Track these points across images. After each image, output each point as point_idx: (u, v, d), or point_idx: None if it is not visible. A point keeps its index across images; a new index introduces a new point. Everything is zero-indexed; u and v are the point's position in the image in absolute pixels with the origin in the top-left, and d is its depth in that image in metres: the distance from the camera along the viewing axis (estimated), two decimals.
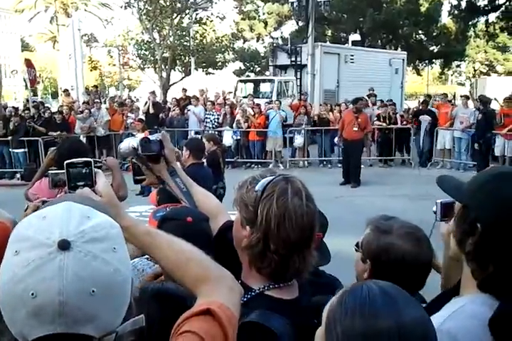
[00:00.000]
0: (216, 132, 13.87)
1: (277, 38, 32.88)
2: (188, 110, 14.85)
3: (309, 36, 19.84)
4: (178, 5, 22.65)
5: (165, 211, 2.47)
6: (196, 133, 14.09)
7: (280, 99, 16.16)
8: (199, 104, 15.04)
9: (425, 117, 13.44)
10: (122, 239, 0.99)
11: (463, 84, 52.38)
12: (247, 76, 29.84)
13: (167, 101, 18.48)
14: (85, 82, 20.65)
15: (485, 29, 26.46)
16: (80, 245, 0.88)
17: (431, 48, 34.72)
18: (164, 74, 23.25)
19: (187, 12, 23.73)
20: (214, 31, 27.00)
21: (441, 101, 14.29)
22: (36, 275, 0.85)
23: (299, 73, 20.34)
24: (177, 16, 23.24)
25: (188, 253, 1.31)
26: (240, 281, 1.46)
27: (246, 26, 32.91)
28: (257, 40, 34.72)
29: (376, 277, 1.58)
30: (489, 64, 48.30)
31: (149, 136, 2.09)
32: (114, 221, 1.02)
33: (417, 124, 13.64)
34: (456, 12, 26.65)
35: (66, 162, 1.47)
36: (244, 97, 17.17)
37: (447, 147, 13.50)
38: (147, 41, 24.22)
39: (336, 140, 13.25)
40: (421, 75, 41.84)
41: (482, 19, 25.82)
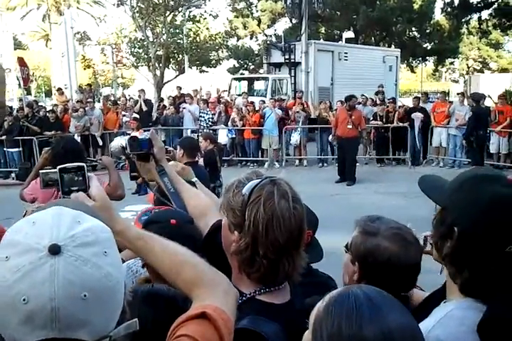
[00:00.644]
0: (211, 130, 13.86)
1: (271, 36, 32.82)
2: (184, 108, 14.80)
3: (303, 34, 19.84)
4: (171, 3, 22.54)
5: (150, 214, 2.46)
6: (193, 131, 14.06)
7: (275, 97, 16.14)
8: (194, 102, 15.01)
9: (417, 114, 13.44)
10: (113, 243, 0.98)
11: (457, 81, 52.50)
12: (241, 74, 29.77)
13: (163, 99, 18.40)
14: (79, 81, 20.55)
15: (478, 26, 26.52)
16: (71, 249, 0.88)
17: (424, 45, 34.76)
18: (158, 72, 23.15)
19: (180, 10, 23.62)
20: (207, 29, 26.90)
21: (440, 99, 14.19)
22: (27, 280, 0.85)
23: (293, 71, 20.33)
24: (170, 14, 23.12)
25: (182, 256, 1.30)
26: None
27: (239, 24, 32.83)
28: (251, 38, 34.63)
29: (365, 278, 1.60)
30: (482, 61, 48.41)
31: (138, 135, 2.10)
32: (107, 224, 1.03)
33: (410, 122, 13.66)
34: (449, 9, 26.66)
35: (59, 167, 1.46)
36: (238, 95, 17.16)
37: (443, 145, 13.50)
38: (140, 39, 24.09)
39: (330, 138, 13.27)
40: (415, 72, 41.90)
41: (475, 16, 25.83)
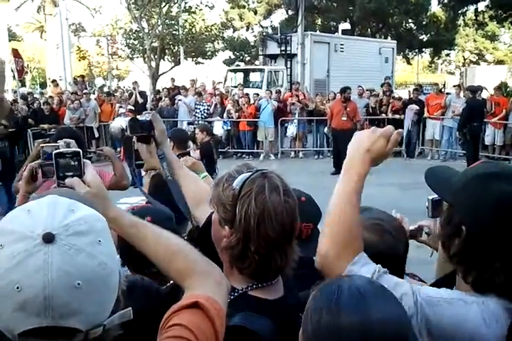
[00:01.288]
0: (206, 122, 13.83)
1: (267, 27, 32.66)
2: (179, 100, 14.75)
3: (299, 25, 19.78)
4: None
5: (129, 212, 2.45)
6: (189, 123, 14.02)
7: (270, 89, 16.11)
8: (189, 94, 14.95)
9: (412, 106, 13.42)
10: (108, 232, 0.98)
11: (453, 73, 52.44)
12: (237, 65, 29.67)
13: (159, 90, 18.33)
14: (73, 72, 20.45)
15: (474, 18, 26.46)
16: (65, 238, 0.88)
17: (421, 37, 34.69)
18: (153, 63, 23.02)
19: (175, 1, 23.50)
20: (203, 20, 26.76)
21: (432, 91, 14.20)
22: (21, 268, 0.85)
23: (289, 62, 20.27)
24: (165, 5, 22.99)
25: (175, 246, 1.30)
26: None
27: (235, 15, 32.67)
28: (247, 29, 34.48)
29: None
30: (479, 53, 48.34)
31: (139, 116, 2.05)
32: (100, 211, 1.03)
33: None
34: (445, 1, 26.62)
35: (55, 152, 1.46)
36: (234, 87, 17.10)
37: (436, 137, 13.46)
38: (136, 30, 23.95)
39: (326, 130, 13.27)
40: (411, 64, 41.82)
41: (471, 8, 25.76)
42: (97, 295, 0.90)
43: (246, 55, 33.21)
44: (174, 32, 24.14)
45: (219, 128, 14.21)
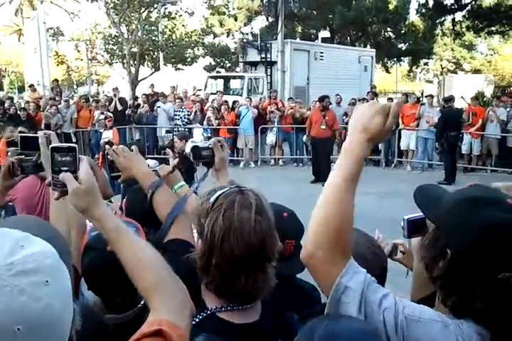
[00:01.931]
0: (186, 129, 13.74)
1: (247, 34, 32.71)
2: (158, 107, 14.64)
3: (279, 32, 19.85)
4: None
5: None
6: (167, 131, 13.90)
7: (251, 96, 16.09)
8: (168, 101, 14.85)
9: None
10: (58, 270, 0.92)
11: (431, 81, 53.09)
12: (218, 72, 29.64)
13: (137, 97, 18.19)
14: (52, 77, 20.17)
15: (452, 28, 26.84)
16: (7, 279, 0.82)
17: (399, 46, 35.12)
18: (133, 69, 22.90)
19: (155, 6, 23.42)
20: (184, 26, 26.72)
21: (410, 102, 14.13)
22: None
23: (269, 70, 20.32)
24: (145, 10, 22.92)
25: (147, 260, 1.27)
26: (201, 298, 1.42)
27: (216, 21, 32.68)
28: (227, 36, 34.51)
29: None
30: (456, 62, 49.07)
31: (200, 144, 2.15)
32: (87, 209, 1.14)
33: None
34: (423, 10, 26.96)
35: (51, 146, 1.44)
36: (212, 94, 17.01)
37: (411, 147, 13.51)
38: (115, 36, 23.80)
39: (304, 138, 13.31)
40: (390, 72, 42.28)
41: (449, 18, 26.14)
42: (42, 339, 0.83)
43: (226, 62, 33.21)
44: (154, 38, 24.07)
45: (199, 135, 14.13)
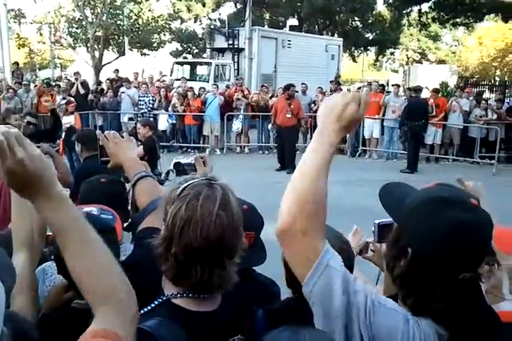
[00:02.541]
0: (151, 115, 13.53)
1: (215, 20, 32.37)
2: (122, 92, 14.36)
3: (247, 19, 19.69)
4: None
5: None
6: (130, 119, 13.63)
7: (217, 83, 15.95)
8: (132, 87, 14.58)
9: None
10: None
11: (396, 71, 53.75)
12: (185, 58, 29.29)
13: (100, 82, 17.80)
14: (12, 60, 19.57)
15: (418, 18, 27.07)
16: None
17: (366, 35, 35.36)
18: (97, 53, 22.40)
19: None
20: (150, 11, 26.25)
21: (373, 90, 14.20)
22: None
23: (237, 57, 20.17)
24: None
25: (99, 264, 1.13)
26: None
27: (183, 7, 32.21)
28: (195, 21, 34.07)
29: (289, 282, 1.62)
30: (422, 52, 49.77)
31: (182, 160, 2.20)
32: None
33: None
34: (390, 1, 27.11)
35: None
36: (177, 80, 16.76)
37: (374, 136, 13.62)
38: (78, 19, 23.22)
39: (270, 126, 13.30)
40: (356, 62, 42.58)
41: (415, 8, 26.34)
42: None
43: (194, 48, 32.84)
44: (119, 22, 23.55)
45: (164, 121, 13.95)
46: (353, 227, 2.26)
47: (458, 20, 24.68)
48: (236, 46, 20.10)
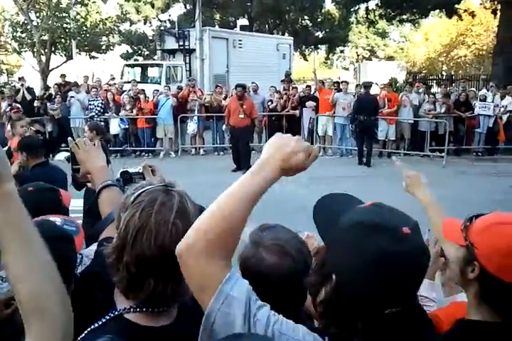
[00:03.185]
0: (102, 120, 13.25)
1: (165, 21, 32.05)
2: (72, 97, 14.02)
3: (197, 20, 19.55)
4: None
5: None
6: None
7: (169, 85, 15.79)
8: (82, 91, 14.25)
9: (310, 103, 13.68)
10: None
11: (347, 68, 54.54)
12: (135, 60, 28.89)
13: (48, 87, 17.34)
14: None
15: (365, 16, 27.54)
16: None
17: (316, 34, 35.74)
18: (43, 58, 21.80)
19: None
20: (98, 13, 25.76)
21: (326, 86, 14.34)
22: None
23: (188, 58, 20.03)
24: None
25: (32, 272, 1.02)
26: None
27: (132, 8, 31.74)
28: (145, 23, 33.63)
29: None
30: (371, 49, 50.68)
31: (130, 169, 2.14)
32: None
33: (301, 110, 13.79)
34: None
35: None
36: (126, 83, 16.49)
37: (329, 133, 13.74)
38: (23, 23, 22.54)
39: (224, 127, 13.26)
40: (307, 60, 42.96)
41: (363, 6, 26.79)
42: None
43: (144, 50, 32.42)
44: (65, 25, 22.98)
45: (115, 125, 13.70)
46: (304, 234, 2.23)
47: (404, 16, 25.23)
48: (187, 47, 19.94)
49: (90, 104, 13.66)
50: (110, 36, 26.22)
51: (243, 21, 31.84)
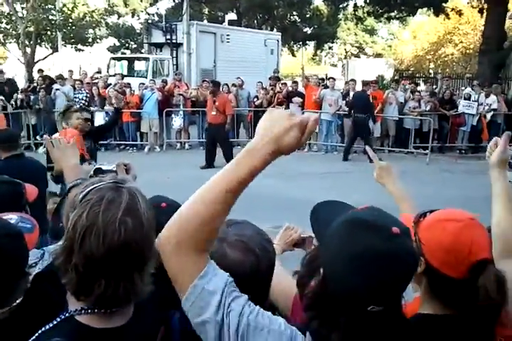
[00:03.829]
0: None
1: (153, 15, 31.84)
2: (57, 89, 13.88)
3: (184, 14, 19.44)
4: None
5: None
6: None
7: (155, 79, 15.70)
8: (67, 83, 14.12)
9: (296, 99, 13.69)
10: None
11: (335, 65, 54.61)
12: (123, 53, 28.68)
13: (33, 79, 17.15)
14: None
15: (353, 12, 27.57)
16: None
17: (304, 30, 35.72)
18: (29, 50, 21.56)
19: None
20: (85, 5, 25.51)
21: (313, 83, 14.36)
22: None
23: (175, 52, 19.92)
24: None
25: None
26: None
27: (120, 1, 31.50)
28: (132, 16, 33.40)
29: None
30: (359, 46, 50.76)
31: (103, 166, 2.17)
32: None
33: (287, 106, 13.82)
34: None
35: None
36: (111, 76, 16.35)
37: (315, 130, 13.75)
38: (8, 14, 22.25)
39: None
40: (295, 56, 42.95)
41: (351, 3, 26.86)
42: None
43: (132, 43, 32.22)
44: (51, 17, 22.72)
45: (100, 119, 13.58)
46: (284, 224, 2.24)
47: (392, 14, 25.25)
48: (174, 41, 19.83)
49: (75, 97, 13.54)
50: (97, 29, 25.98)
51: (232, 16, 31.79)
